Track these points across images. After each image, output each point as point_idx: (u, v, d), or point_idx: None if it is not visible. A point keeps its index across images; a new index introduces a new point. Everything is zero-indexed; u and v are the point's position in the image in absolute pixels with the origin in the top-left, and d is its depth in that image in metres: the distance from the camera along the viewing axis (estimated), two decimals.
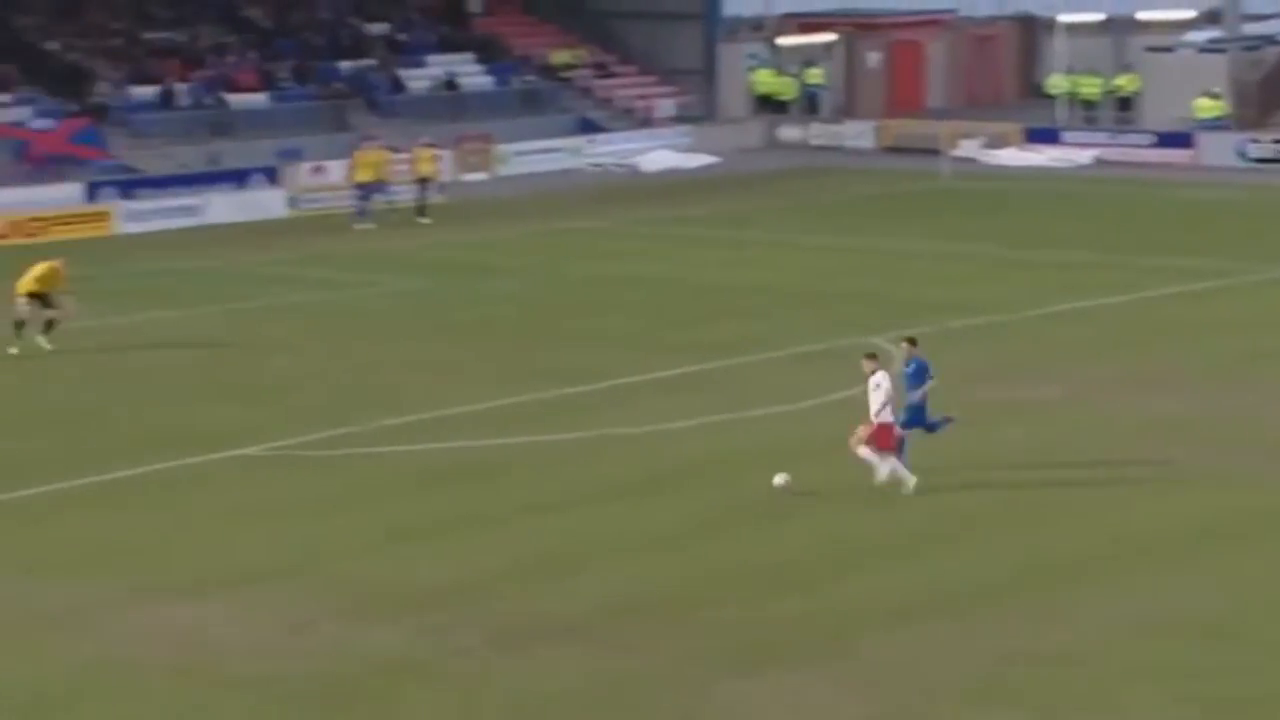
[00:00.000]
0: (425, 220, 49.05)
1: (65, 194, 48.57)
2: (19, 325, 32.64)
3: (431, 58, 61.78)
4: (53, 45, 54.65)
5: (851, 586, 20.71)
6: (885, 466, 23.72)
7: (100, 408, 29.03)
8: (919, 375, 24.33)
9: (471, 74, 62.08)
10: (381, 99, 58.94)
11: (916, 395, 24.28)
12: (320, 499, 24.12)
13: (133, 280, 40.80)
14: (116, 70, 54.85)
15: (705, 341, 33.43)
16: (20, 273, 33.38)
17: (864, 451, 23.84)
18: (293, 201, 51.03)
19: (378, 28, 62.11)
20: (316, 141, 55.08)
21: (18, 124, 50.82)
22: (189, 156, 53.10)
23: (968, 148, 61.33)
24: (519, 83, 62.71)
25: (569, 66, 64.29)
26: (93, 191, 49.08)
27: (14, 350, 32.29)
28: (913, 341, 24.68)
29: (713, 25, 67.01)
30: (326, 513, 23.53)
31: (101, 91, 53.72)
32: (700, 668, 18.48)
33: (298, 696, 17.91)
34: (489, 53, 63.37)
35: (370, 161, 49.04)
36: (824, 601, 20.24)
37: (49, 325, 32.83)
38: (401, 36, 62.33)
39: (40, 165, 49.73)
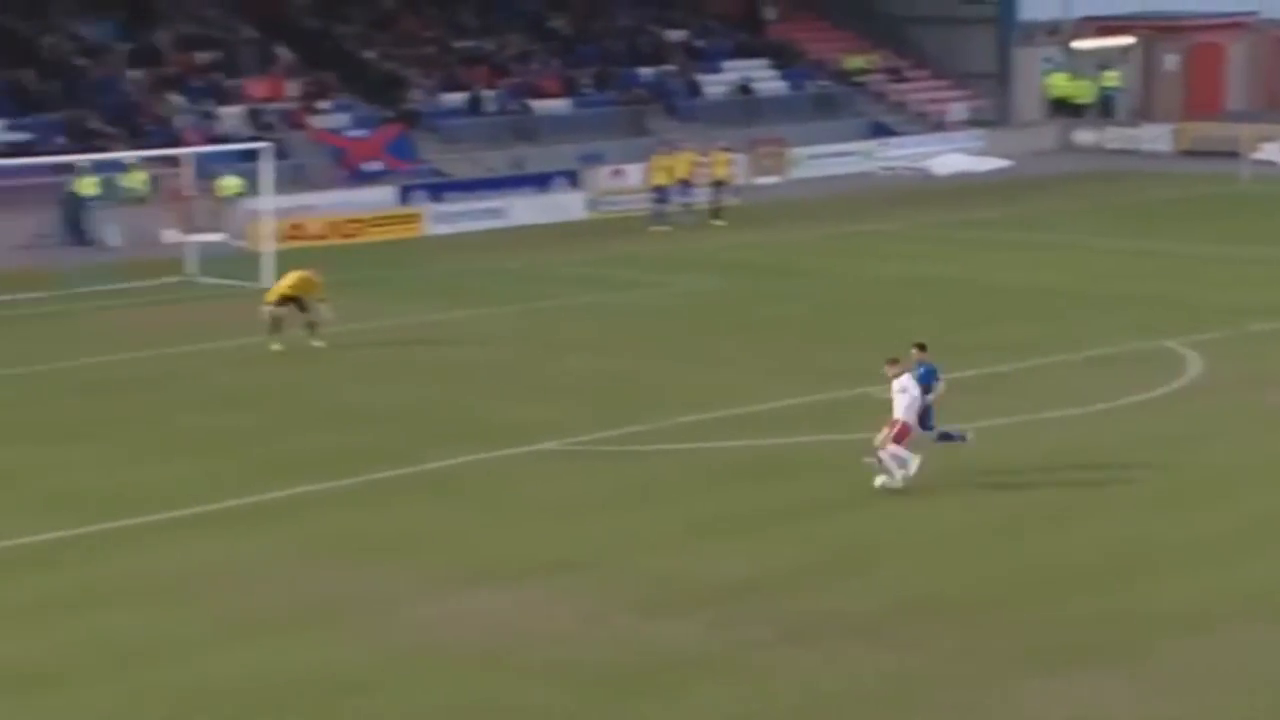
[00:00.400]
0: (720, 222, 49.19)
1: (379, 197, 49.70)
2: (275, 326, 32.82)
3: (728, 63, 61.93)
4: (370, 54, 55.93)
5: (1147, 588, 20.24)
6: (899, 464, 23.65)
7: (410, 403, 29.61)
8: (926, 379, 24.16)
9: (766, 79, 62.08)
10: (679, 104, 59.24)
11: (928, 398, 24.11)
12: (617, 494, 24.30)
13: (441, 280, 41.58)
14: (428, 78, 55.94)
15: (997, 343, 32.96)
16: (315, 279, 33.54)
17: (891, 449, 23.74)
18: (592, 204, 51.55)
19: (676, 35, 62.44)
20: (616, 146, 55.55)
21: (336, 130, 52.10)
22: (494, 161, 53.95)
23: (1269, 151, 59.54)
24: (813, 87, 62.55)
25: (862, 71, 63.93)
26: (405, 195, 50.14)
27: (277, 347, 32.65)
28: (922, 347, 24.57)
29: (1008, 29, 66.06)
30: (623, 507, 23.70)
31: (414, 98, 54.84)
32: (993, 667, 18.20)
33: (595, 684, 18.05)
34: (784, 58, 63.30)
35: (666, 165, 49.32)
36: (1119, 603, 19.81)
37: (311, 326, 33.10)
38: (699, 43, 62.57)
39: (355, 173, 50.91)
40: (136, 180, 46.34)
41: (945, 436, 24.65)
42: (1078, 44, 68.81)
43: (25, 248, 43.91)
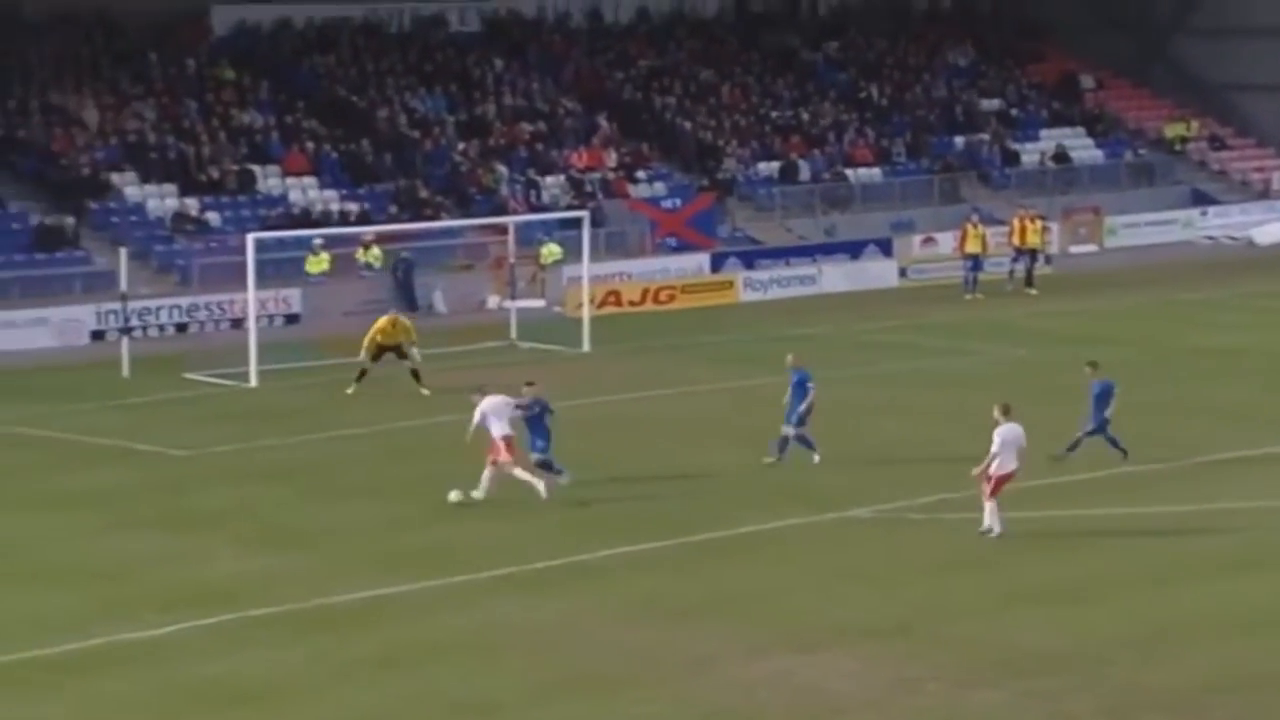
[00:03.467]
0: (1033, 291, 48.55)
1: (693, 264, 50.12)
2: (361, 374, 35.15)
3: (1044, 132, 61.18)
4: (687, 124, 56.53)
5: None
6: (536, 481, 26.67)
7: (723, 467, 29.68)
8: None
9: (1082, 147, 61.15)
10: (993, 172, 58.69)
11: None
12: (929, 561, 24.05)
13: (754, 345, 41.68)
14: (743, 147, 56.32)
15: None
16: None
17: (519, 473, 26.78)
18: (904, 272, 51.27)
19: (991, 103, 61.92)
20: (928, 214, 55.21)
21: (651, 200, 52.65)
22: (806, 228, 54.00)
23: None
24: (1130, 155, 61.44)
25: (1182, 139, 62.58)
26: (718, 262, 50.47)
27: (350, 391, 34.95)
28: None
29: None
30: (935, 575, 23.44)
31: (728, 168, 55.24)
32: None
33: None
34: (1101, 126, 62.32)
35: (979, 234, 48.82)
36: None
37: (415, 375, 35.02)
38: (1014, 112, 61.96)
39: (662, 243, 51.23)
40: (371, 256, 46.39)
41: (546, 465, 27.37)
42: None
43: (356, 314, 45.14)
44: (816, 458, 29.24)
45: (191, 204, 47.49)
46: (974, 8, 65.53)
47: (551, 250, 47.99)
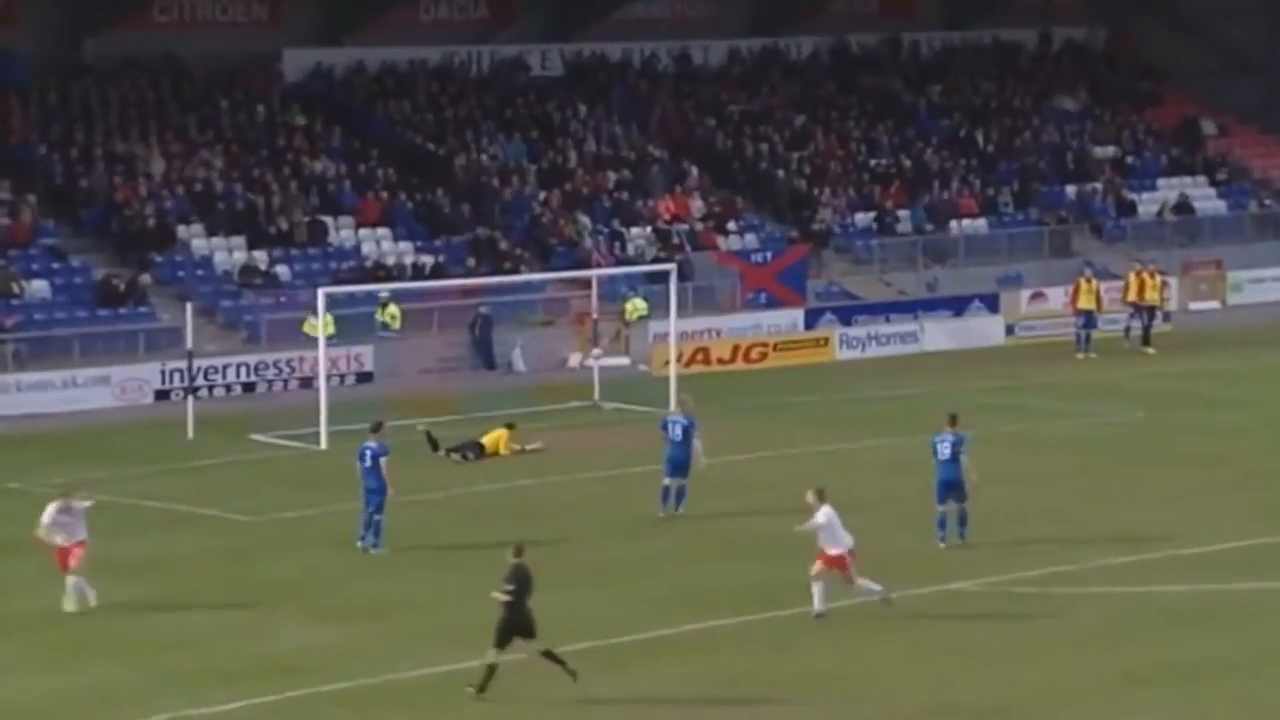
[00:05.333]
0: (1150, 350, 48.32)
1: (787, 320, 50.21)
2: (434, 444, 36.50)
3: (1162, 181, 60.94)
4: (780, 172, 56.69)
5: None
6: None
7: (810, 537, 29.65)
8: None
9: (1203, 197, 60.85)
10: (1107, 223, 58.50)
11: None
12: (1036, 639, 23.96)
13: (851, 406, 41.70)
14: (840, 197, 56.41)
15: None
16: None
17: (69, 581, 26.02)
18: (1011, 329, 51.17)
19: (1105, 150, 61.75)
20: (1037, 267, 55.10)
21: (742, 252, 52.80)
22: (907, 283, 53.98)
23: None
24: (1255, 206, 61.07)
25: None
26: (812, 318, 50.53)
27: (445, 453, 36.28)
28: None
29: None
30: (1043, 654, 23.35)
31: (824, 218, 55.35)
32: None
33: None
34: (1223, 175, 61.99)
35: (1092, 289, 48.68)
36: None
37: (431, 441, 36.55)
38: (1130, 159, 61.77)
39: (749, 298, 51.33)
40: (388, 315, 46.35)
41: None
42: None
43: (433, 371, 45.48)
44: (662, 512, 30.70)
45: (260, 257, 48.03)
46: (1086, 49, 65.36)
47: (636, 305, 48.21)
